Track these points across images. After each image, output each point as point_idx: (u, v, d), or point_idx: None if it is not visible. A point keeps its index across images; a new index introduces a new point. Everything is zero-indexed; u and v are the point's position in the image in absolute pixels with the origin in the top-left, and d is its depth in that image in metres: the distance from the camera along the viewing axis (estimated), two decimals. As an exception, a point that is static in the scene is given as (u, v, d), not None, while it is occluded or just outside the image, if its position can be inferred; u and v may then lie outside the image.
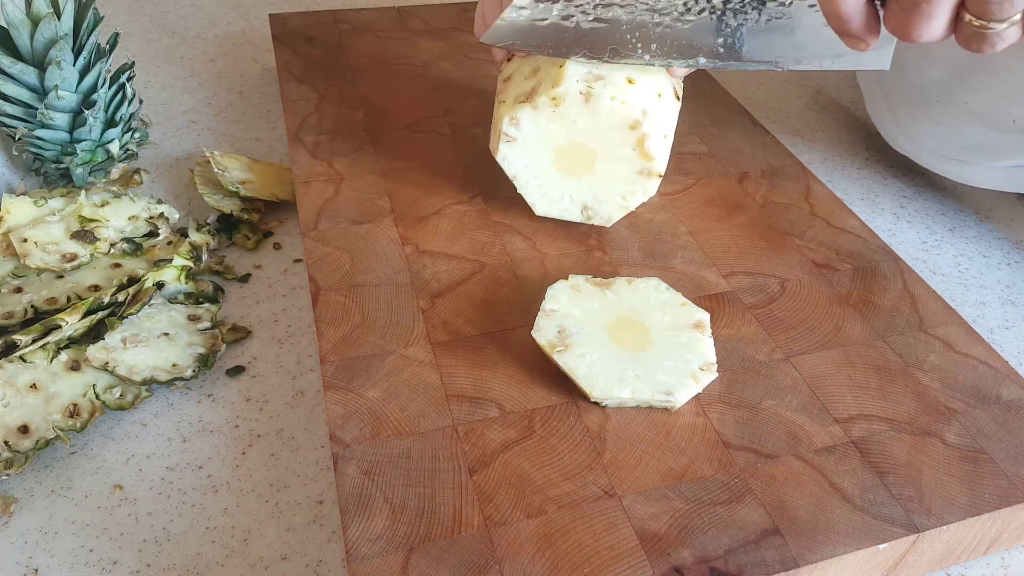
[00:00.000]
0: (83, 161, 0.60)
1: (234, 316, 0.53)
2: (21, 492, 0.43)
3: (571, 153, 0.50)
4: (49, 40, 0.55)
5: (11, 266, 0.52)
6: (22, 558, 0.40)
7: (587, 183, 0.51)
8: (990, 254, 0.62)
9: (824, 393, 0.44)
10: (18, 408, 0.44)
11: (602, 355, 0.43)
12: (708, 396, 0.44)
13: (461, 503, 0.38)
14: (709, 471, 0.40)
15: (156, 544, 0.41)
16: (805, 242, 0.55)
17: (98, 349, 0.46)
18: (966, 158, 0.62)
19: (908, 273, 0.53)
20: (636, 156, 0.49)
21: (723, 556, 0.36)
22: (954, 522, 0.38)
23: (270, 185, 0.62)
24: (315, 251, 0.52)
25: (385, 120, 0.65)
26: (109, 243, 0.54)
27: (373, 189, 0.58)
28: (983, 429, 0.43)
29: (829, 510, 0.39)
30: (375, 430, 0.41)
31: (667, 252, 0.54)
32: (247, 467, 0.45)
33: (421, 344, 0.46)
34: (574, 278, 0.47)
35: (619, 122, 0.48)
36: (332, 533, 0.42)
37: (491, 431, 0.41)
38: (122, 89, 0.61)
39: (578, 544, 0.37)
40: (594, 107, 0.48)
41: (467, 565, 0.36)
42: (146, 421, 0.47)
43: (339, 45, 0.75)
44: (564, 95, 0.48)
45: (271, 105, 0.75)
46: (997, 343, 0.54)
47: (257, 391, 0.49)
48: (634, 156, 0.49)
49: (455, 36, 0.77)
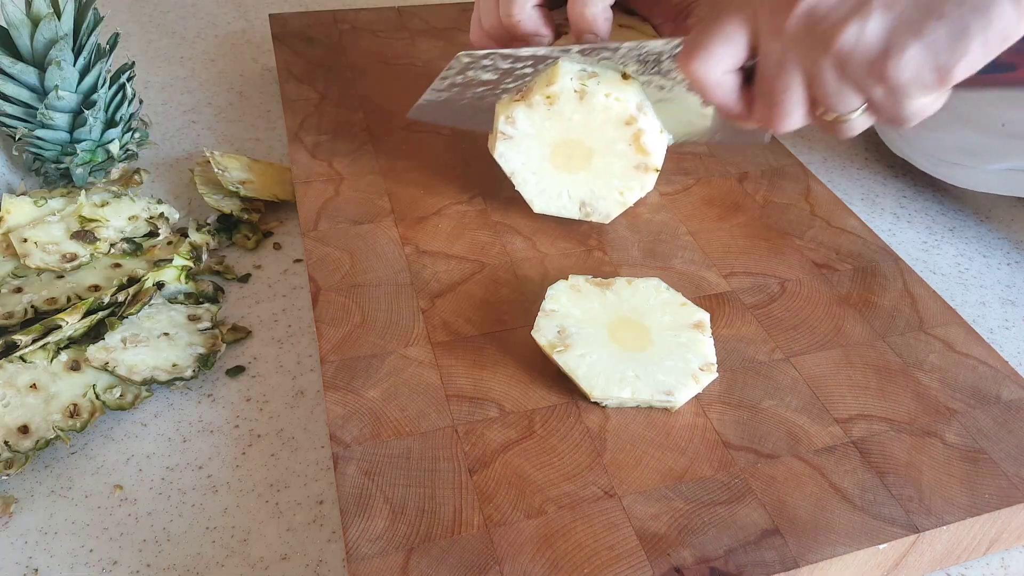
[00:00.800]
0: (83, 161, 0.60)
1: (234, 316, 0.53)
2: (21, 492, 0.43)
3: (567, 150, 0.50)
4: (49, 40, 0.55)
5: (11, 266, 0.52)
6: (22, 558, 0.40)
7: (584, 179, 0.51)
8: (990, 254, 0.62)
9: (824, 393, 0.44)
10: (18, 408, 0.44)
11: (602, 355, 0.43)
12: (708, 396, 0.44)
13: (461, 503, 0.38)
14: (709, 471, 0.40)
15: (156, 544, 0.41)
16: (805, 242, 0.55)
17: (98, 349, 0.46)
18: (961, 161, 0.62)
19: (908, 273, 0.53)
20: (632, 151, 0.49)
21: (723, 556, 0.36)
22: (954, 522, 0.38)
23: (270, 185, 0.62)
24: (315, 251, 0.52)
25: (385, 120, 0.65)
26: (109, 243, 0.54)
27: (373, 189, 0.58)
28: (983, 429, 0.43)
29: (829, 510, 0.39)
30: (375, 430, 0.41)
31: (667, 252, 0.54)
32: (247, 467, 0.45)
33: (421, 344, 0.46)
34: (574, 278, 0.47)
35: (614, 118, 0.48)
36: (332, 533, 0.42)
37: (491, 431, 0.41)
38: (122, 89, 0.61)
39: (578, 544, 0.37)
40: (588, 104, 0.48)
41: (467, 565, 0.36)
42: (146, 421, 0.47)
43: (339, 45, 0.75)
44: (558, 93, 0.48)
45: (271, 105, 0.75)
46: (997, 343, 0.54)
47: (257, 391, 0.49)
48: (630, 151, 0.49)
49: (455, 36, 0.77)
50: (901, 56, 0.37)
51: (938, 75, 0.37)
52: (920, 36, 0.37)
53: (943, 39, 0.36)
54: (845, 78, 0.39)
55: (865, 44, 0.38)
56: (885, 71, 0.38)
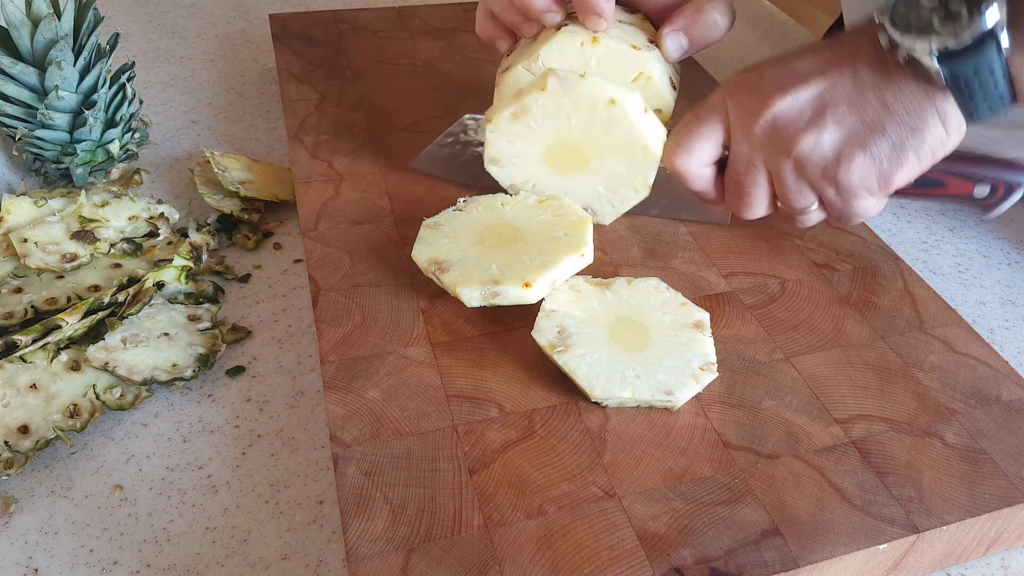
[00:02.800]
0: (83, 161, 0.60)
1: (234, 316, 0.53)
2: (21, 492, 0.43)
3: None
4: (49, 40, 0.55)
5: (11, 266, 0.52)
6: (22, 558, 0.40)
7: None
8: (990, 254, 0.62)
9: (824, 393, 0.44)
10: (18, 408, 0.44)
11: (602, 355, 0.43)
12: (708, 396, 0.44)
13: (461, 503, 0.38)
14: (709, 471, 0.40)
15: (156, 544, 0.41)
16: (805, 242, 0.55)
17: (98, 349, 0.46)
18: None
19: (908, 273, 0.53)
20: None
21: (723, 556, 0.36)
22: (954, 522, 0.38)
23: (270, 185, 0.62)
24: (315, 251, 0.52)
25: (385, 120, 0.65)
26: (109, 243, 0.54)
27: (373, 189, 0.58)
28: (983, 429, 0.43)
29: (829, 510, 0.39)
30: (375, 430, 0.41)
31: (667, 252, 0.54)
32: (247, 467, 0.45)
33: (421, 344, 0.46)
34: (574, 278, 0.47)
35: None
36: (332, 533, 0.42)
37: (491, 431, 0.41)
38: (122, 89, 0.61)
39: (578, 544, 0.37)
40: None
41: (467, 565, 0.36)
42: (146, 421, 0.47)
43: (339, 45, 0.75)
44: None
45: (271, 105, 0.75)
46: (997, 343, 0.54)
47: (257, 391, 0.49)
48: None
49: (455, 36, 0.77)
50: (850, 164, 0.44)
51: (881, 181, 0.44)
52: (865, 148, 0.43)
53: (885, 151, 0.43)
54: (802, 178, 0.46)
55: (820, 152, 0.44)
56: (836, 175, 0.44)
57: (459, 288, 0.45)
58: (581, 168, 0.51)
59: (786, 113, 0.44)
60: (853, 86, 0.43)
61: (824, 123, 0.44)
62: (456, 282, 0.45)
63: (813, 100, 0.44)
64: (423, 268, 0.47)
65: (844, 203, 0.46)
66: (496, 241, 0.47)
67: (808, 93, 0.44)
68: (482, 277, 0.45)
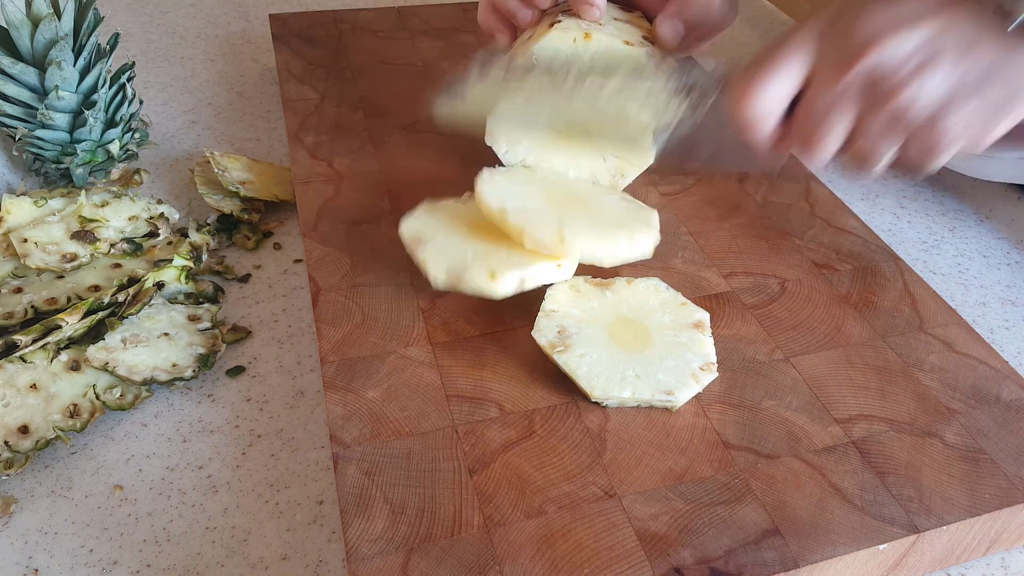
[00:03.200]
0: (83, 161, 0.60)
1: (234, 316, 0.53)
2: (21, 492, 0.43)
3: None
4: (49, 40, 0.55)
5: (11, 266, 0.52)
6: (22, 558, 0.40)
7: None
8: (990, 254, 0.62)
9: (824, 393, 0.44)
10: (18, 408, 0.44)
11: (602, 355, 0.43)
12: (708, 396, 0.44)
13: (461, 503, 0.38)
14: (709, 471, 0.40)
15: (156, 544, 0.41)
16: (805, 242, 0.55)
17: (98, 349, 0.46)
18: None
19: (908, 273, 0.53)
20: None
21: (723, 556, 0.36)
22: (954, 522, 0.38)
23: (270, 185, 0.62)
24: (315, 251, 0.52)
25: (385, 120, 0.65)
26: (109, 243, 0.54)
27: (373, 189, 0.58)
28: (983, 429, 0.43)
29: (829, 510, 0.39)
30: (375, 430, 0.41)
31: (667, 252, 0.54)
32: (247, 467, 0.45)
33: (421, 344, 0.46)
34: (574, 278, 0.47)
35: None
36: (332, 533, 0.42)
37: (491, 431, 0.41)
38: (122, 89, 0.61)
39: (578, 544, 0.37)
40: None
41: (467, 565, 0.36)
42: (146, 421, 0.47)
43: (339, 45, 0.75)
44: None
45: (271, 105, 0.75)
46: (997, 343, 0.54)
47: (257, 391, 0.49)
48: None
49: (455, 36, 0.77)
50: (959, 111, 0.40)
51: (983, 133, 0.41)
52: (980, 95, 0.39)
53: (998, 100, 0.40)
54: (895, 127, 0.41)
55: (924, 101, 0.40)
56: (937, 126, 0.40)
57: (428, 264, 0.46)
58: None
59: (891, 59, 0.40)
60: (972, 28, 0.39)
61: (935, 69, 0.39)
62: (427, 258, 0.46)
63: (923, 44, 0.40)
64: (405, 242, 0.48)
65: (930, 155, 0.42)
66: (481, 235, 0.48)
67: (918, 36, 0.40)
68: (453, 261, 0.45)
